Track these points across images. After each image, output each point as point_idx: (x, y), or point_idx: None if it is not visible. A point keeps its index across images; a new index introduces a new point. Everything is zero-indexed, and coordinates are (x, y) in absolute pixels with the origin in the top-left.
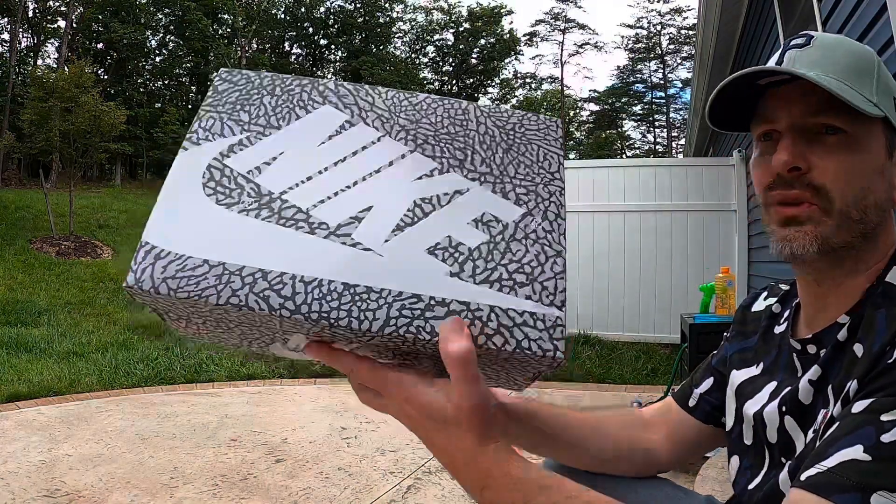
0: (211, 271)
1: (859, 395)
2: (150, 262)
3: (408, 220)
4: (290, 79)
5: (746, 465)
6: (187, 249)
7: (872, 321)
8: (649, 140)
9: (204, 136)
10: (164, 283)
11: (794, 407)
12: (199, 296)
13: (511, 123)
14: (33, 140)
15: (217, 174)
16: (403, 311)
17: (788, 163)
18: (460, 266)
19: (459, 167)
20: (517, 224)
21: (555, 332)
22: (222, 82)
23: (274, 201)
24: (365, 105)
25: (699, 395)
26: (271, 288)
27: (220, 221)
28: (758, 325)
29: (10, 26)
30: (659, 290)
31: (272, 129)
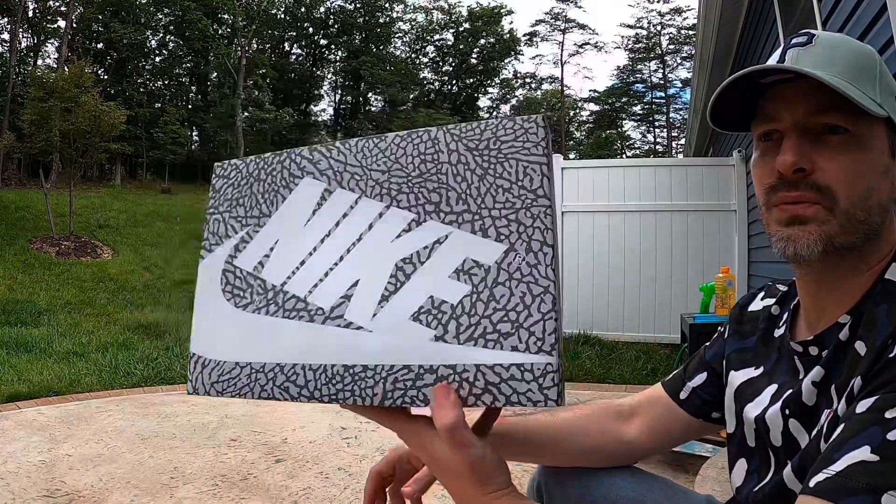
0: (242, 372)
1: (862, 393)
2: (199, 371)
3: (391, 287)
4: (271, 157)
5: (754, 467)
6: (222, 355)
7: (874, 318)
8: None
9: (214, 242)
10: (212, 387)
11: (798, 409)
12: (239, 394)
13: (484, 140)
14: (33, 140)
15: (231, 277)
16: (397, 384)
17: (794, 163)
18: (444, 328)
19: (436, 212)
20: (500, 265)
21: (544, 380)
22: (218, 179)
23: (278, 294)
24: (338, 167)
25: (691, 388)
26: (289, 380)
27: (240, 324)
28: (755, 325)
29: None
30: (659, 290)
31: (265, 217)
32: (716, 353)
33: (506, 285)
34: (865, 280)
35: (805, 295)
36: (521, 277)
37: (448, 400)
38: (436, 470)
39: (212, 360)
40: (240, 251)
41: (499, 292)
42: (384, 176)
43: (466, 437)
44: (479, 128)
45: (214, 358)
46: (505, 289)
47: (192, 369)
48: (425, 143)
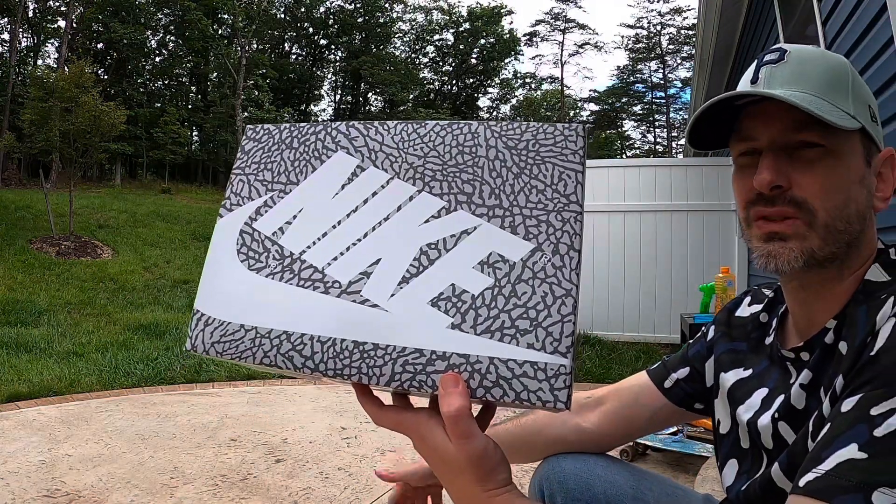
0: (246, 335)
1: (846, 392)
2: (200, 328)
3: (413, 270)
4: (307, 127)
5: (745, 468)
6: (227, 316)
7: (854, 318)
8: (649, 140)
9: (235, 202)
10: (212, 347)
11: (788, 413)
12: (240, 357)
13: (524, 141)
14: (33, 140)
15: (248, 239)
16: (406, 366)
17: (771, 181)
18: (462, 316)
19: (467, 203)
20: (525, 263)
21: (556, 381)
22: (248, 141)
23: (295, 262)
24: (374, 146)
25: (676, 379)
26: (294, 349)
27: (252, 287)
28: (744, 331)
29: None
30: (659, 290)
31: (292, 185)
32: (697, 352)
33: (529, 283)
34: (850, 284)
35: (793, 302)
36: (544, 277)
37: (457, 388)
38: (436, 464)
39: (216, 318)
40: (261, 214)
41: (521, 289)
42: (419, 161)
43: (470, 428)
44: (521, 128)
45: (219, 317)
46: (527, 286)
47: (193, 325)
48: (465, 135)
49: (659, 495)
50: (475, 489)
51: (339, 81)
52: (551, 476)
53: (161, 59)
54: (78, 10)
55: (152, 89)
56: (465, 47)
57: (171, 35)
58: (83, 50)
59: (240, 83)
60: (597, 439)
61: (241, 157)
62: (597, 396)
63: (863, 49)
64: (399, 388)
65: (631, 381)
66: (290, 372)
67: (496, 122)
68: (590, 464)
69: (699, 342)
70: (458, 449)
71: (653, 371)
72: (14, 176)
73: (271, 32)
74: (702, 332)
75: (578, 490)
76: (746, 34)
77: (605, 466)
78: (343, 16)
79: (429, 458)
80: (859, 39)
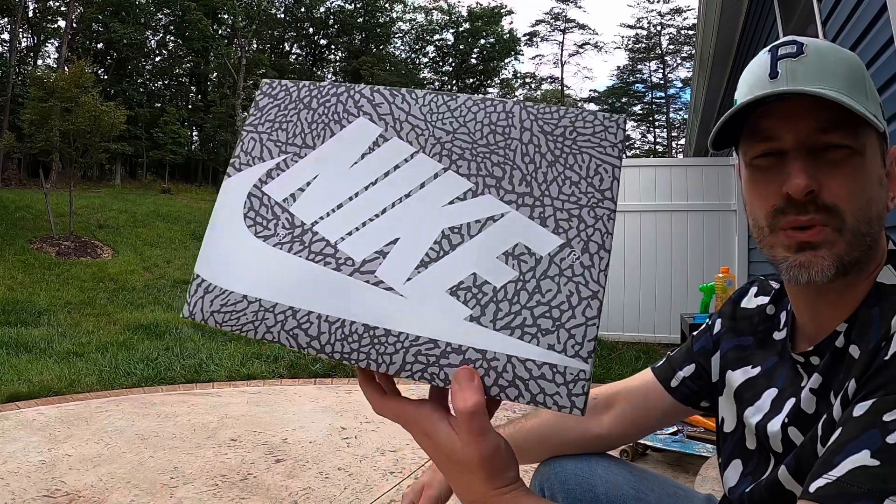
0: (249, 307)
1: (859, 397)
2: (200, 295)
3: (433, 254)
4: (327, 87)
5: (749, 469)
6: (230, 284)
7: (866, 321)
8: (649, 140)
9: (245, 161)
10: (211, 316)
11: (797, 418)
12: (241, 330)
13: (561, 127)
14: (33, 140)
15: (256, 203)
16: (419, 356)
17: (807, 186)
18: (482, 309)
19: (496, 187)
20: (552, 258)
21: (574, 386)
22: (263, 97)
23: (305, 233)
24: (400, 115)
25: (682, 377)
26: (300, 326)
27: (258, 255)
28: (750, 324)
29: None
30: (659, 290)
31: (307, 148)
32: (702, 347)
33: (554, 280)
34: (861, 287)
35: (801, 307)
36: (571, 276)
37: (472, 384)
38: (441, 460)
39: (217, 286)
40: (272, 178)
41: (546, 286)
42: (448, 136)
43: (484, 426)
44: (559, 112)
45: (220, 285)
46: (553, 283)
47: (192, 291)
48: (499, 114)
49: (660, 495)
50: (483, 487)
51: (339, 81)
52: (552, 476)
53: (161, 59)
54: (78, 10)
55: (152, 89)
56: (465, 47)
57: (171, 35)
58: (83, 50)
59: (240, 83)
60: (605, 442)
61: (255, 114)
62: (604, 397)
63: (863, 49)
64: (409, 378)
65: (637, 381)
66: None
67: (533, 103)
68: (591, 464)
69: (704, 336)
70: (469, 447)
71: (658, 369)
72: (14, 176)
73: (271, 32)
74: (707, 324)
75: (580, 490)
76: (746, 34)
77: (606, 467)
78: (343, 16)
79: (432, 453)
80: (859, 39)
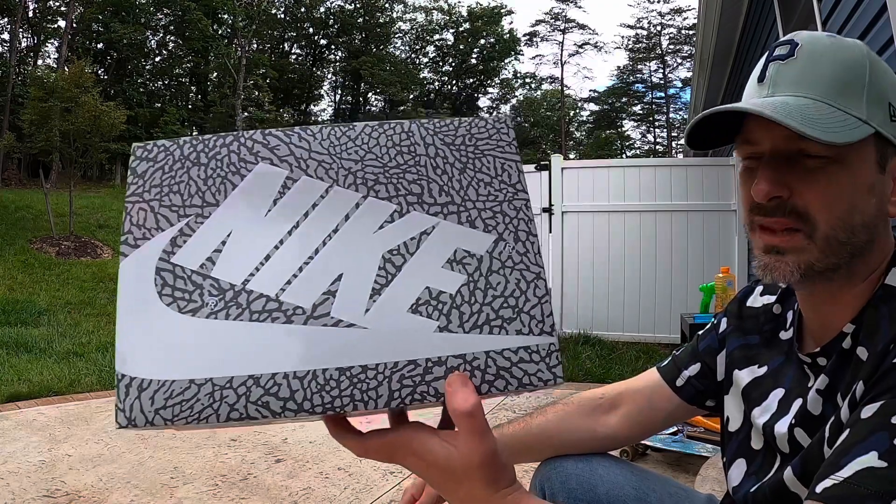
0: (201, 391)
1: (867, 399)
2: (134, 395)
3: (382, 280)
4: (212, 139)
5: (753, 469)
6: (167, 374)
7: (874, 323)
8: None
9: (140, 235)
10: (157, 415)
11: (804, 419)
12: (199, 419)
13: (460, 136)
14: (33, 140)
15: (169, 277)
16: (404, 381)
17: (768, 193)
18: (446, 318)
19: (419, 203)
20: (491, 254)
21: (550, 360)
22: (139, 162)
23: (239, 294)
24: (302, 154)
25: (687, 377)
26: (268, 393)
27: (190, 332)
28: (756, 322)
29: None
30: (659, 290)
31: (210, 206)
32: (708, 346)
33: (500, 273)
34: (865, 288)
35: (805, 306)
36: (513, 265)
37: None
38: (436, 477)
39: (152, 380)
40: (178, 246)
41: (494, 280)
42: (357, 165)
43: (485, 424)
44: (454, 124)
45: (157, 377)
46: (500, 276)
47: (122, 396)
48: (399, 135)
49: (662, 495)
50: (485, 492)
51: (339, 81)
52: (553, 476)
53: (161, 59)
54: (78, 10)
55: (152, 89)
56: (465, 47)
57: (171, 35)
58: (83, 50)
59: (240, 83)
60: (611, 443)
61: (135, 182)
62: (609, 397)
63: None
64: (400, 406)
65: (643, 381)
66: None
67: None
68: (592, 464)
69: (710, 334)
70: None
71: (664, 369)
72: (14, 176)
73: (271, 32)
74: (712, 323)
75: (580, 490)
76: (746, 34)
77: (607, 467)
78: (343, 16)
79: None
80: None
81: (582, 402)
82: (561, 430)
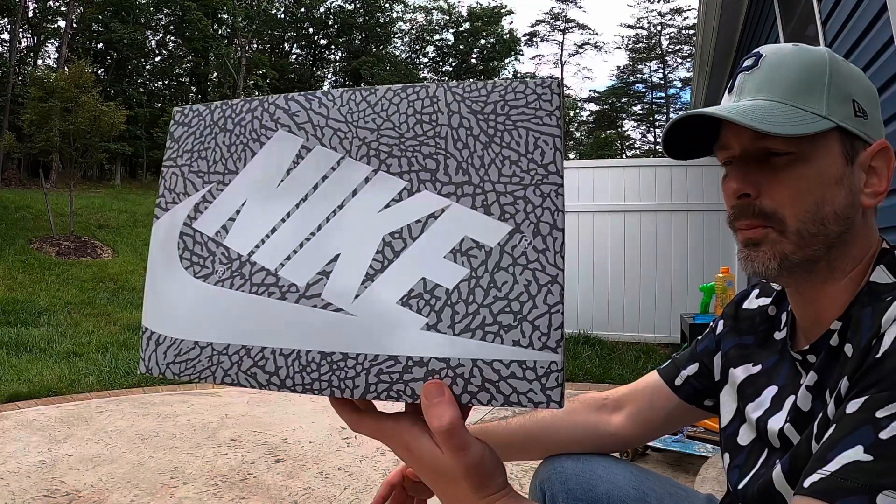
0: (202, 353)
1: (852, 394)
2: (152, 348)
3: (377, 265)
4: (240, 104)
5: (737, 463)
6: (178, 333)
7: (859, 320)
8: (649, 140)
9: (171, 199)
10: (168, 368)
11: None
12: (199, 377)
13: (491, 104)
14: (33, 140)
15: (189, 242)
16: (381, 375)
17: (737, 189)
18: (437, 315)
19: (432, 181)
20: (503, 248)
21: (548, 380)
22: (177, 126)
23: (244, 266)
24: (319, 120)
25: (686, 376)
26: (256, 365)
27: (200, 298)
28: (752, 324)
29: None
30: (659, 290)
31: (231, 174)
32: (706, 347)
33: (509, 271)
34: (850, 284)
35: (794, 303)
36: (526, 263)
37: (443, 398)
38: (425, 473)
39: (167, 337)
40: (200, 212)
41: (500, 278)
42: (373, 135)
43: (465, 440)
44: (486, 88)
45: (170, 335)
46: (508, 275)
47: (144, 346)
48: (422, 101)
49: (661, 495)
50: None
51: (339, 81)
52: (552, 477)
53: (161, 59)
54: (78, 10)
55: (152, 89)
56: (465, 47)
57: (171, 35)
58: (83, 50)
59: (240, 83)
60: (615, 442)
61: (171, 146)
62: (614, 399)
63: (863, 49)
64: (375, 399)
65: (644, 383)
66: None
67: (457, 82)
68: (591, 464)
69: (708, 337)
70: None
71: (663, 370)
72: (14, 176)
73: (271, 32)
74: (710, 326)
75: (580, 490)
76: (746, 34)
77: (606, 467)
78: (343, 16)
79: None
80: (859, 39)
81: (587, 401)
82: (566, 425)
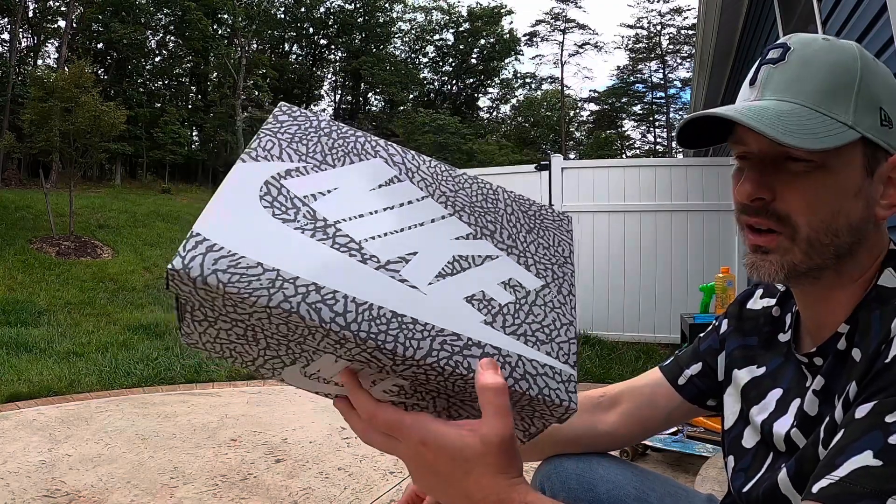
0: (265, 274)
1: (860, 399)
2: (201, 251)
3: (448, 270)
4: (346, 128)
5: (742, 466)
6: (242, 249)
7: (867, 324)
8: (649, 140)
9: (263, 155)
10: (214, 273)
11: (801, 419)
12: (250, 294)
13: (532, 210)
14: (33, 140)
15: (274, 190)
16: (444, 345)
17: (751, 194)
18: (493, 317)
19: (490, 237)
20: (538, 293)
21: (569, 385)
22: (282, 114)
23: (329, 227)
24: (412, 167)
25: (689, 375)
26: (324, 301)
27: (276, 232)
28: (756, 324)
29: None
30: (659, 290)
31: (327, 165)
32: (709, 347)
33: (542, 308)
34: (857, 288)
35: (800, 305)
36: (552, 307)
37: (496, 370)
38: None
39: (224, 248)
40: (291, 176)
41: (536, 311)
42: (451, 192)
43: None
44: (529, 201)
45: (229, 248)
46: (541, 310)
47: (188, 246)
48: (487, 190)
49: (662, 495)
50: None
51: (339, 81)
52: (553, 476)
53: (161, 59)
54: (78, 10)
55: (152, 89)
56: (465, 47)
57: (171, 35)
58: (83, 50)
59: (240, 83)
60: (611, 441)
61: (273, 123)
62: (610, 395)
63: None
64: (434, 364)
65: (645, 380)
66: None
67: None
68: (592, 464)
69: (711, 336)
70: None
71: (666, 368)
72: (14, 176)
73: (271, 32)
74: (713, 325)
75: (581, 490)
76: (746, 34)
77: (607, 466)
78: (343, 16)
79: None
80: (859, 39)
81: (583, 401)
82: (562, 426)
